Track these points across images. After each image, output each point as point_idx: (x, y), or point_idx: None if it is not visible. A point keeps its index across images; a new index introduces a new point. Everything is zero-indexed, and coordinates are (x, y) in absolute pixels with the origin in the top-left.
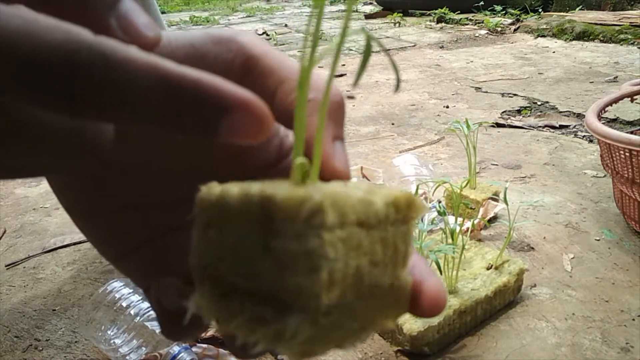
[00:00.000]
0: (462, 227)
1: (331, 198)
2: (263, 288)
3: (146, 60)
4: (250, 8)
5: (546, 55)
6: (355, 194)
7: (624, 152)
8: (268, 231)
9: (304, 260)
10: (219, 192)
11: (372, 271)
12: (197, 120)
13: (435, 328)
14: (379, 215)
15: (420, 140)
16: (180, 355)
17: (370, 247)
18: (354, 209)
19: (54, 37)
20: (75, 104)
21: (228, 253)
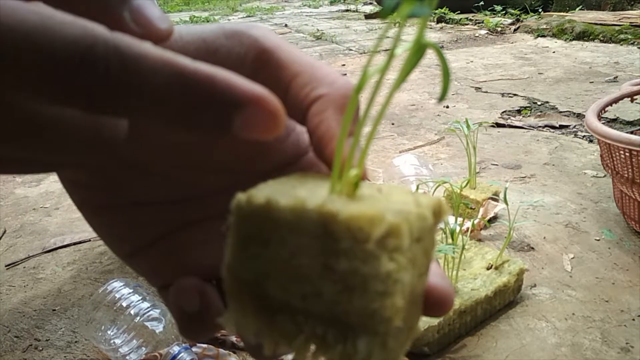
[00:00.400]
0: (462, 227)
1: (403, 218)
2: (321, 308)
3: (161, 55)
4: (250, 8)
5: (546, 55)
6: (411, 209)
7: (624, 152)
8: (331, 250)
9: (375, 283)
10: (264, 202)
11: (418, 282)
12: (211, 116)
13: (435, 328)
14: (429, 227)
15: (420, 140)
16: (180, 355)
17: (418, 260)
18: (413, 226)
19: (71, 33)
20: (92, 98)
21: (278, 270)
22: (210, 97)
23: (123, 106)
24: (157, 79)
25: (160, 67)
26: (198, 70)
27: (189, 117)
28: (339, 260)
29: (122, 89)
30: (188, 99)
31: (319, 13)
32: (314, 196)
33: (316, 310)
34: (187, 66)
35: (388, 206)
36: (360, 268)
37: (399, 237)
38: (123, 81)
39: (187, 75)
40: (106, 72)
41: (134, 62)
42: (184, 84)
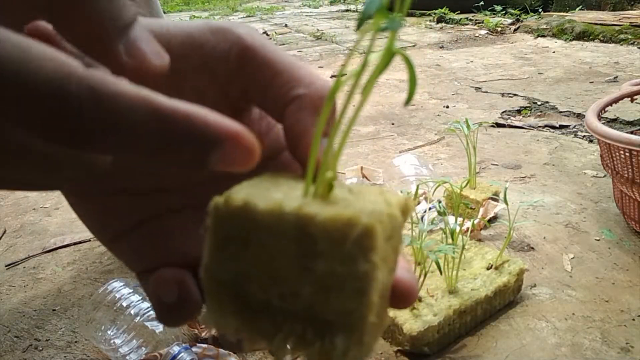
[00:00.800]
0: (462, 227)
1: (376, 219)
2: (300, 307)
3: (137, 93)
4: (250, 8)
5: (546, 55)
6: (383, 209)
7: (624, 152)
8: (308, 252)
9: (352, 282)
10: (242, 205)
11: (388, 277)
12: (188, 152)
13: (435, 328)
14: (399, 225)
15: (420, 140)
16: (180, 355)
17: (389, 257)
18: (385, 226)
19: (45, 67)
20: (68, 135)
21: (258, 271)
22: (187, 135)
23: (99, 143)
24: (134, 117)
25: (136, 105)
26: (175, 109)
27: (165, 154)
28: (316, 261)
29: (97, 127)
30: (165, 137)
31: (319, 13)
32: (289, 198)
33: (295, 310)
34: (163, 104)
35: (361, 207)
36: (337, 269)
37: (373, 238)
38: (98, 119)
39: (164, 114)
40: (79, 110)
41: (109, 100)
42: (161, 122)
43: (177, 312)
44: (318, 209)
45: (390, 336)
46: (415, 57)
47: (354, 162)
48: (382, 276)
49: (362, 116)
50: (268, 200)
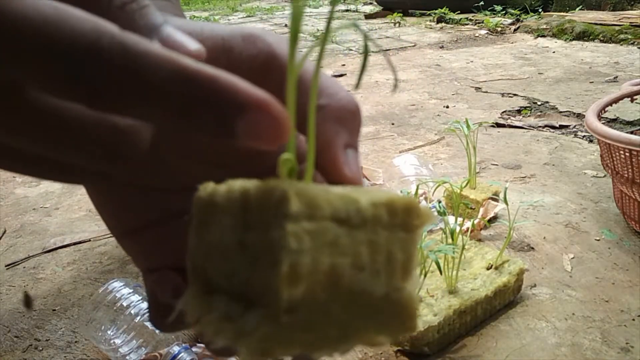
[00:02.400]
0: (462, 227)
1: (300, 189)
2: (237, 286)
3: (164, 53)
4: (250, 8)
5: (546, 55)
6: (337, 190)
7: (624, 152)
8: (244, 225)
9: (268, 252)
10: (210, 191)
11: (356, 275)
12: (212, 117)
13: (435, 328)
14: (363, 214)
15: (420, 140)
16: (180, 355)
17: (352, 248)
18: (329, 204)
19: (81, 26)
20: (93, 92)
21: (212, 252)
22: (211, 97)
23: (123, 103)
24: (160, 76)
25: (163, 64)
26: (201, 70)
27: (190, 117)
28: (248, 233)
29: (123, 85)
30: (189, 97)
31: (319, 13)
32: (250, 182)
33: (235, 290)
34: (190, 65)
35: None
36: (260, 239)
37: (286, 203)
38: (124, 77)
39: (190, 74)
40: (108, 65)
41: (138, 57)
42: (185, 82)
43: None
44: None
45: None
46: (415, 57)
47: None
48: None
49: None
50: (231, 186)
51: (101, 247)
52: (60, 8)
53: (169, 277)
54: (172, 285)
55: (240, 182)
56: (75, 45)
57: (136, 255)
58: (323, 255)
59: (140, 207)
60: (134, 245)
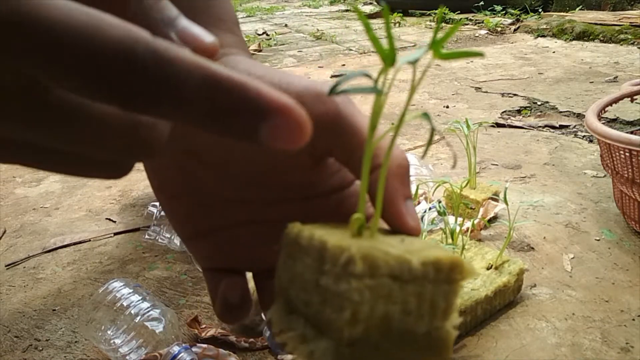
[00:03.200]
0: (462, 227)
1: (365, 252)
2: (312, 314)
3: (195, 60)
4: (250, 8)
5: (546, 55)
6: (394, 252)
7: (624, 152)
8: (321, 270)
9: (337, 299)
10: (297, 231)
11: (404, 318)
12: (239, 121)
13: None
14: (413, 272)
15: (420, 140)
16: (180, 355)
17: (402, 298)
18: (387, 264)
19: (116, 34)
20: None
21: (295, 280)
22: (239, 102)
23: (155, 105)
24: (191, 81)
25: (194, 71)
26: (230, 77)
27: (218, 121)
28: (322, 277)
29: (155, 89)
30: (218, 102)
31: (319, 13)
32: (329, 234)
33: (308, 315)
34: (219, 71)
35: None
36: (331, 286)
37: (353, 264)
38: (157, 81)
39: (219, 80)
40: (143, 72)
41: (170, 64)
42: (215, 87)
43: (236, 311)
44: (337, 240)
45: None
46: None
47: None
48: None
49: None
50: (313, 232)
51: (101, 247)
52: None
53: (237, 282)
54: (241, 290)
55: (320, 232)
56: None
57: (199, 256)
58: (379, 304)
59: (207, 215)
60: (198, 247)
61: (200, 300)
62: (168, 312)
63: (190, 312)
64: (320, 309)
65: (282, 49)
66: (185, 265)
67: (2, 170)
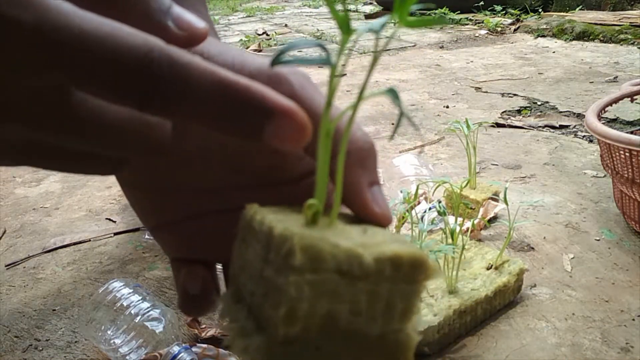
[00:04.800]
0: (462, 227)
1: (308, 243)
2: (255, 305)
3: (206, 66)
4: (250, 8)
5: (546, 55)
6: (345, 245)
7: (624, 152)
8: (265, 259)
9: (275, 293)
10: (252, 214)
11: (353, 319)
12: (246, 122)
13: (435, 328)
14: (365, 269)
15: (420, 140)
16: (180, 355)
17: (351, 296)
18: (334, 257)
19: (134, 41)
20: (143, 98)
21: (245, 268)
22: (246, 105)
23: (169, 107)
24: (202, 85)
25: (205, 76)
26: (238, 81)
27: (226, 122)
28: (267, 268)
29: (170, 92)
30: (227, 105)
31: (319, 13)
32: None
33: (253, 307)
34: (228, 77)
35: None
36: (272, 278)
37: (292, 256)
38: (172, 85)
39: (228, 85)
40: (160, 76)
41: (183, 69)
42: (224, 91)
43: (197, 303)
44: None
45: None
46: (415, 57)
47: None
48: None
49: (362, 116)
50: (265, 216)
51: (101, 247)
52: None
53: (198, 272)
54: (202, 279)
55: (274, 217)
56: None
57: (165, 246)
58: (322, 302)
59: (170, 205)
60: (165, 237)
61: None
62: (168, 312)
63: None
64: (261, 301)
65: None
66: None
67: (2, 170)
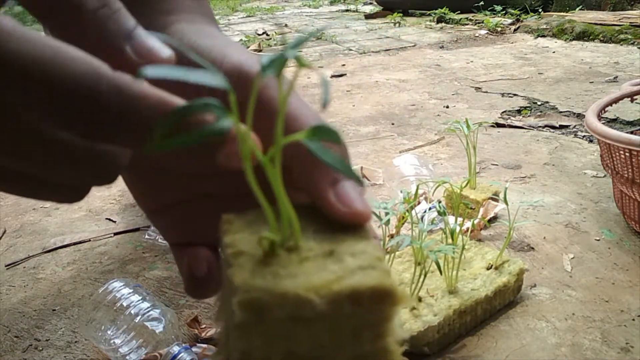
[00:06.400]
0: (462, 227)
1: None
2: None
3: (154, 94)
4: (250, 8)
5: (546, 55)
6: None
7: (624, 152)
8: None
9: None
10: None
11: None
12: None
13: (435, 328)
14: (318, 311)
15: (420, 140)
16: (180, 355)
17: (309, 336)
18: (282, 308)
19: (79, 69)
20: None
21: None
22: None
23: (117, 136)
24: (152, 115)
25: (154, 105)
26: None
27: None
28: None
29: (118, 122)
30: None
31: (319, 13)
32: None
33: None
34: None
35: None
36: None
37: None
38: (121, 116)
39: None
40: (107, 107)
41: (133, 100)
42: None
43: (203, 285)
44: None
45: None
46: (415, 57)
47: (354, 162)
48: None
49: (362, 116)
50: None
51: (101, 247)
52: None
53: (202, 255)
54: (206, 261)
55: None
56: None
57: (163, 230)
58: (278, 344)
59: (166, 188)
60: (162, 221)
61: (200, 300)
62: (168, 312)
63: (190, 312)
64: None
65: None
66: None
67: None
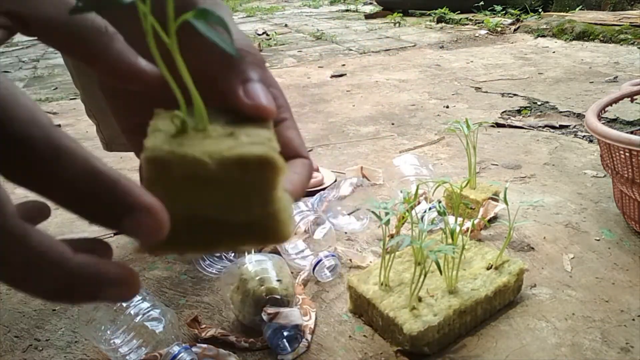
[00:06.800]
0: (462, 227)
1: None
2: None
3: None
4: (250, 8)
5: (546, 55)
6: (191, 153)
7: (624, 152)
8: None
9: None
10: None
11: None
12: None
13: (435, 328)
14: (210, 171)
15: (420, 140)
16: (180, 355)
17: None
18: (180, 167)
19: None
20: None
21: None
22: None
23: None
24: (75, 173)
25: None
26: (109, 174)
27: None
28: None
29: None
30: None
31: (319, 13)
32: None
33: None
34: (99, 169)
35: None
36: None
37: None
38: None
39: (98, 176)
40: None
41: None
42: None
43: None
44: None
45: (390, 336)
46: (415, 57)
47: (354, 162)
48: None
49: (362, 116)
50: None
51: None
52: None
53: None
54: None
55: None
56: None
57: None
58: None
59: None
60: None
61: (200, 300)
62: (168, 312)
63: (190, 312)
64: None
65: (282, 49)
66: (185, 265)
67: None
